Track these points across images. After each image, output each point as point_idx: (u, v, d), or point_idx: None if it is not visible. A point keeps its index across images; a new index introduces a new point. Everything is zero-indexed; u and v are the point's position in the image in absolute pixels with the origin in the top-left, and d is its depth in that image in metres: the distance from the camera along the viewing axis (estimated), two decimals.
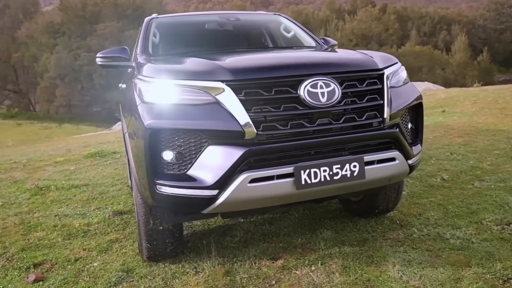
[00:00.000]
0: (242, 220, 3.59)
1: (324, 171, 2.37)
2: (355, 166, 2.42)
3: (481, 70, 44.69)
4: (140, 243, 2.91)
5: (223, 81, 2.36)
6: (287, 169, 2.33)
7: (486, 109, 8.82)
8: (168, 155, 2.37)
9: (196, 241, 3.25)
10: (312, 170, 2.35)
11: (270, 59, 2.94)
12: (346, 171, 2.41)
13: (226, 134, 2.30)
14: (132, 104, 2.66)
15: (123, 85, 3.76)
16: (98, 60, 3.53)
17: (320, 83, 2.39)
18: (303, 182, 2.34)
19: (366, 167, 2.46)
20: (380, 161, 2.53)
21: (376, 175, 2.53)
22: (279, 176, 2.33)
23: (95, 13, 47.53)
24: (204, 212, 2.48)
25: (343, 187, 2.48)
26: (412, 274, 2.55)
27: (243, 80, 2.36)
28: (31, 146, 11.15)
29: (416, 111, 2.91)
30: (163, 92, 2.42)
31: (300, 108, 2.38)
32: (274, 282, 2.61)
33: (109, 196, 4.62)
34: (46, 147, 9.58)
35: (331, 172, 2.38)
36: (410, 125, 2.85)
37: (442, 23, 55.33)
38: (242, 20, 4.33)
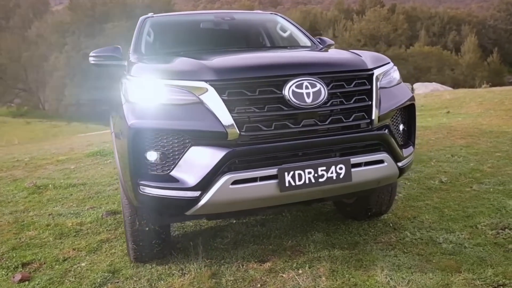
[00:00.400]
0: (234, 221, 3.56)
1: (309, 173, 2.32)
2: (341, 168, 2.37)
3: (491, 71, 44.06)
4: (128, 244, 2.89)
5: (206, 80, 2.32)
6: (271, 171, 2.29)
7: (491, 110, 8.68)
8: (152, 156, 2.34)
9: (185, 242, 3.22)
10: (297, 172, 2.30)
11: (255, 58, 2.90)
12: (332, 173, 2.36)
13: (209, 135, 2.27)
14: (118, 103, 2.64)
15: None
16: (91, 59, 3.51)
17: (305, 83, 2.35)
18: (287, 184, 2.29)
19: (353, 169, 2.41)
20: (368, 163, 2.47)
21: (363, 178, 2.47)
22: (262, 178, 2.29)
23: (104, 12, 47.80)
24: (188, 214, 2.44)
25: (329, 190, 2.43)
26: (400, 279, 2.49)
27: (227, 80, 2.32)
28: (36, 144, 11.21)
29: (408, 112, 2.85)
30: (147, 92, 2.39)
31: (285, 108, 2.33)
32: (260, 285, 2.57)
33: (104, 195, 4.61)
34: (50, 145, 9.61)
35: (316, 174, 2.33)
36: (401, 126, 2.79)
37: (451, 23, 54.72)
38: (238, 19, 4.29)
